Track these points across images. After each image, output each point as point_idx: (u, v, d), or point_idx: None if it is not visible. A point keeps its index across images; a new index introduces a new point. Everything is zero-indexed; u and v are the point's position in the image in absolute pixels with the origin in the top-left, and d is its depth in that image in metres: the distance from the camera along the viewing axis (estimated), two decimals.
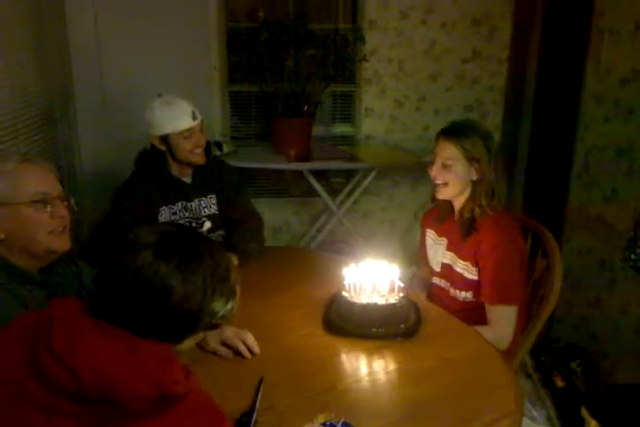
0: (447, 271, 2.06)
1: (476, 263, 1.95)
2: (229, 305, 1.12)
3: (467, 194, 1.96)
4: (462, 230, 1.97)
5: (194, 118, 2.21)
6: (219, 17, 3.61)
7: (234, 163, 3.36)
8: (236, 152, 3.51)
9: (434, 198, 2.06)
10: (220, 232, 2.44)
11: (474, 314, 1.95)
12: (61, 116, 3.15)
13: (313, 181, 3.53)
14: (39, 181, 1.43)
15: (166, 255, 1.00)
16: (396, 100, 3.91)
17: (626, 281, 2.61)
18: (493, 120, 4.00)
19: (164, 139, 2.23)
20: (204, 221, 2.35)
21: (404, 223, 4.02)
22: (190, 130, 2.22)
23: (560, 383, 2.71)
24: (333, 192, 3.82)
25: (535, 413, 2.62)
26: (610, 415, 2.27)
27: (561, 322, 3.13)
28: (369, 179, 3.60)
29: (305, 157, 3.47)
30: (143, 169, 2.30)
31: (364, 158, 3.56)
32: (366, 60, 3.67)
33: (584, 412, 2.33)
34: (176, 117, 2.19)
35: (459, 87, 3.92)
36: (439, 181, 1.96)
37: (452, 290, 2.06)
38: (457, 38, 3.81)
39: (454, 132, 1.93)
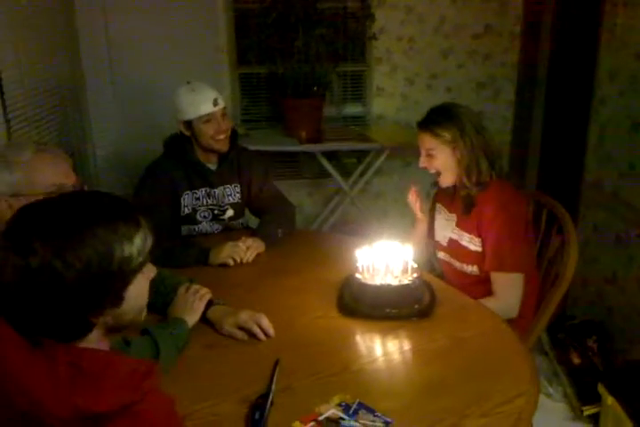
0: (453, 246, 2.09)
1: (479, 235, 1.98)
2: (137, 240, 0.94)
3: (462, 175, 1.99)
4: (462, 208, 2.02)
5: (215, 104, 2.23)
6: None
7: (246, 146, 3.37)
8: (247, 135, 3.50)
9: (436, 183, 2.10)
10: (242, 220, 2.46)
11: (480, 288, 1.96)
12: (72, 103, 3.15)
13: (325, 163, 3.52)
14: (54, 171, 1.45)
15: (27, 251, 0.86)
16: (407, 79, 3.88)
17: None
18: (507, 97, 3.96)
19: (189, 124, 2.26)
20: (226, 209, 2.37)
21: None
22: (210, 115, 2.23)
23: (576, 360, 2.71)
24: (346, 173, 3.81)
25: (552, 390, 2.64)
26: (627, 392, 2.27)
27: (577, 299, 3.12)
28: (381, 159, 3.59)
29: (316, 138, 3.46)
30: (171, 152, 2.33)
31: (376, 138, 3.55)
32: (376, 39, 3.64)
33: (601, 388, 2.33)
34: (198, 103, 2.22)
35: (470, 64, 3.88)
36: (432, 171, 2.03)
37: (457, 264, 2.08)
38: (468, 13, 3.76)
39: (426, 122, 2.00)
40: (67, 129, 3.02)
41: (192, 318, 1.56)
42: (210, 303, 1.63)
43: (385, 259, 1.72)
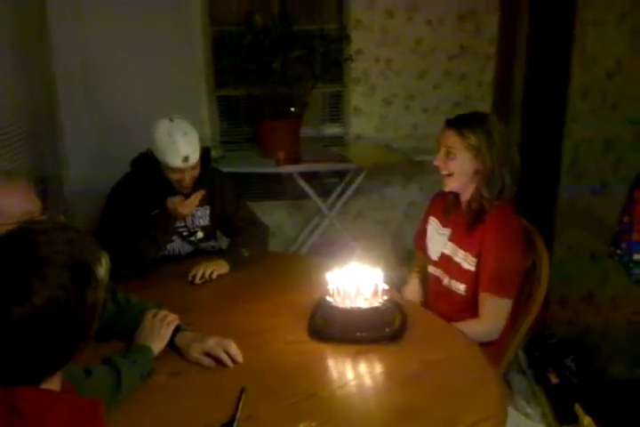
0: (445, 261, 2.06)
1: (476, 254, 1.94)
2: (102, 270, 0.92)
3: (473, 186, 1.96)
4: (468, 222, 1.97)
5: (184, 161, 2.14)
6: (202, 21, 3.61)
7: (223, 168, 3.36)
8: (224, 157, 3.50)
9: (435, 196, 2.10)
10: (213, 243, 2.44)
11: (462, 308, 1.95)
12: (46, 128, 3.13)
13: (303, 184, 3.53)
14: (24, 199, 1.44)
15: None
16: (385, 99, 3.91)
17: (616, 275, 2.60)
18: None
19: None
20: (196, 231, 2.35)
21: (396, 223, 4.01)
22: (177, 169, 2.17)
23: (554, 379, 2.70)
24: (326, 193, 3.82)
25: (530, 409, 2.62)
26: (604, 411, 2.26)
27: (555, 317, 3.13)
28: (359, 179, 3.60)
29: (294, 159, 3.47)
30: (140, 171, 2.29)
31: (354, 159, 3.56)
32: (352, 60, 3.67)
33: (578, 408, 2.32)
34: (169, 154, 2.13)
35: (447, 84, 3.92)
36: (444, 172, 1.98)
37: (446, 280, 2.05)
38: (443, 35, 3.81)
39: (457, 121, 1.96)
40: (40, 154, 3.00)
41: (158, 345, 1.54)
42: (177, 329, 1.61)
43: (356, 281, 1.71)
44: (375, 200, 4.03)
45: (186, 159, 2.14)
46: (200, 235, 2.36)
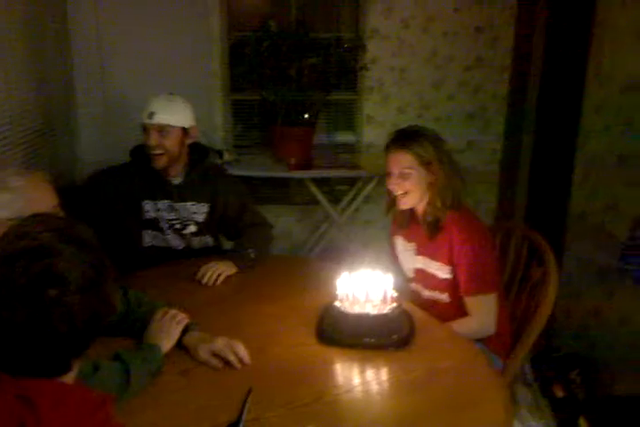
0: (420, 276, 2.08)
1: (449, 262, 1.96)
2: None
3: (427, 198, 1.98)
4: (428, 233, 1.99)
5: (149, 117, 2.22)
6: (221, 26, 3.64)
7: (235, 171, 3.38)
8: (237, 161, 3.52)
9: (388, 208, 2.11)
10: (207, 239, 2.44)
11: (453, 314, 1.97)
12: (62, 126, 3.17)
13: (314, 189, 3.54)
14: (48, 196, 1.47)
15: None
16: (398, 108, 3.92)
17: (624, 291, 2.60)
18: (496, 128, 4.00)
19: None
20: (188, 224, 2.36)
21: None
22: (144, 126, 2.24)
23: (559, 393, 2.69)
24: (336, 200, 3.82)
25: (534, 422, 2.61)
26: (608, 425, 2.25)
27: (561, 331, 3.11)
28: (370, 187, 3.61)
29: (306, 165, 3.49)
30: (133, 159, 2.34)
31: (366, 166, 3.57)
32: (367, 69, 3.68)
33: (582, 422, 2.31)
34: (143, 110, 2.24)
35: (461, 95, 3.93)
36: (399, 192, 1.98)
37: (425, 292, 2.08)
38: (459, 46, 3.82)
39: (403, 139, 1.96)
40: (55, 151, 3.03)
41: (167, 344, 1.55)
42: (186, 329, 1.62)
43: (365, 288, 1.72)
44: (384, 208, 4.02)
45: (151, 115, 2.22)
46: (192, 228, 2.37)
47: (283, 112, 3.51)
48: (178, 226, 2.35)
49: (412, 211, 2.06)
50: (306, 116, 3.53)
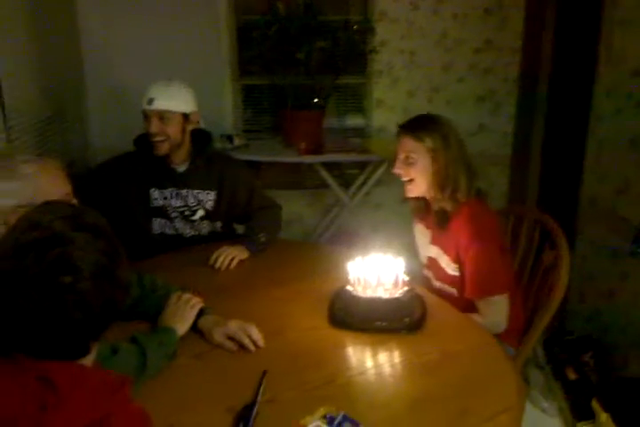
0: (433, 264, 2.08)
1: (455, 259, 1.95)
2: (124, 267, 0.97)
3: (434, 188, 1.96)
4: (436, 223, 1.99)
5: (149, 103, 2.22)
6: (228, 10, 3.62)
7: (245, 156, 3.39)
8: (247, 145, 3.52)
9: (405, 199, 2.08)
10: (217, 224, 2.43)
11: (462, 306, 1.92)
12: (73, 112, 3.18)
13: (324, 174, 3.54)
14: (59, 183, 1.48)
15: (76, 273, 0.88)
16: (408, 92, 3.90)
17: (637, 273, 2.59)
18: (507, 111, 3.98)
19: None
20: (196, 210, 2.37)
21: None
22: (146, 112, 2.23)
23: (572, 375, 2.70)
24: (347, 184, 3.82)
25: (546, 404, 2.63)
26: (621, 408, 2.26)
27: (574, 314, 3.12)
28: (380, 171, 3.60)
29: (316, 149, 3.48)
30: (138, 148, 2.35)
31: (376, 150, 3.56)
32: (376, 52, 3.66)
33: (595, 404, 2.32)
34: (143, 96, 2.24)
35: (471, 78, 3.90)
36: (405, 178, 1.98)
37: (435, 283, 2.07)
38: (469, 28, 3.79)
39: (411, 125, 1.95)
40: (67, 138, 3.04)
41: (182, 327, 1.57)
42: (201, 313, 1.64)
43: (377, 272, 1.73)
44: (396, 191, 4.00)
45: (150, 101, 2.21)
46: (201, 213, 2.37)
47: (292, 96, 3.50)
48: (187, 213, 2.36)
49: (426, 200, 2.05)
50: (315, 100, 3.52)
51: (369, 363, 1.56)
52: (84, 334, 0.92)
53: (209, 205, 2.37)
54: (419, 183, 1.96)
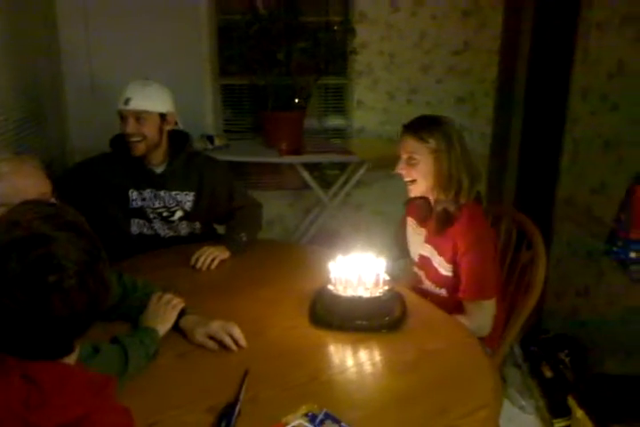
0: (424, 263, 2.09)
1: (450, 260, 1.97)
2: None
3: (437, 189, 1.97)
4: (436, 225, 1.98)
5: (125, 103, 2.21)
6: (209, 9, 3.62)
7: (226, 157, 3.38)
8: (228, 146, 3.52)
9: (407, 201, 2.11)
10: (195, 225, 2.43)
11: (451, 307, 1.96)
12: (51, 111, 3.15)
13: (305, 174, 3.55)
14: (39, 181, 1.47)
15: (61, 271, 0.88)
16: (388, 93, 3.92)
17: (612, 272, 2.64)
18: (485, 112, 4.02)
19: None
20: (175, 211, 2.36)
21: (397, 215, 4.01)
22: (121, 113, 2.23)
23: (548, 373, 2.74)
24: (327, 184, 3.84)
25: (524, 402, 2.67)
26: (596, 404, 2.30)
27: (552, 313, 3.16)
28: (361, 172, 3.62)
29: (297, 150, 3.49)
30: (115, 150, 2.34)
31: (357, 151, 3.58)
32: (356, 53, 3.68)
33: (571, 401, 2.36)
34: (119, 97, 2.23)
35: (450, 79, 3.93)
36: (407, 179, 1.98)
37: (426, 282, 2.09)
38: (447, 30, 3.82)
39: (414, 126, 1.95)
40: (45, 137, 3.02)
41: (163, 327, 1.58)
42: (182, 312, 1.64)
43: (357, 271, 1.74)
44: (376, 192, 4.05)
45: (127, 101, 2.20)
46: (180, 213, 2.36)
47: (273, 97, 3.51)
48: (165, 214, 2.35)
49: (427, 200, 2.05)
50: (296, 100, 3.53)
51: (350, 361, 1.58)
52: (68, 333, 0.92)
53: (187, 206, 2.36)
54: (420, 184, 1.96)
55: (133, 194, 2.31)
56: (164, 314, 1.60)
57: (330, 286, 1.75)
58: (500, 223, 2.24)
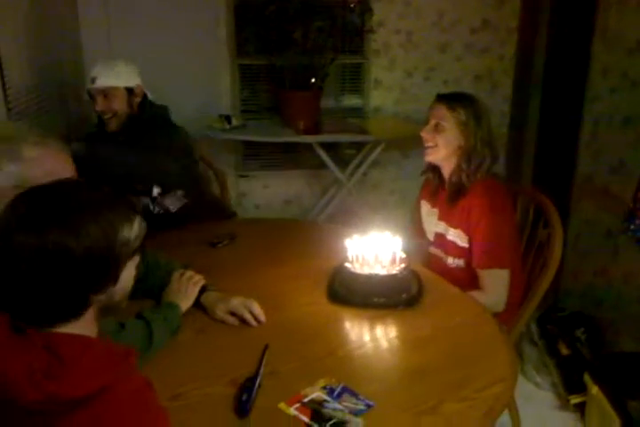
0: (440, 240, 2.12)
1: (466, 231, 2.00)
2: (135, 225, 1.00)
3: (455, 160, 2.01)
4: (449, 195, 2.03)
5: (92, 82, 2.28)
6: None
7: (243, 136, 3.42)
8: (245, 126, 3.54)
9: (425, 170, 2.15)
10: (178, 193, 2.43)
11: (468, 283, 1.99)
12: (73, 92, 3.19)
13: (322, 154, 3.56)
14: (65, 166, 1.49)
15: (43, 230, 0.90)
16: (406, 71, 3.91)
17: (629, 251, 2.64)
18: (503, 90, 3.99)
19: None
20: (152, 187, 2.37)
21: (413, 194, 4.03)
22: (89, 92, 2.30)
23: (565, 351, 2.76)
24: (344, 164, 3.85)
25: (540, 379, 2.69)
26: (612, 382, 2.32)
27: (568, 291, 3.17)
28: (377, 151, 3.62)
29: (314, 129, 3.50)
30: (98, 128, 2.42)
31: (373, 131, 3.58)
32: (373, 32, 3.67)
33: (586, 378, 2.38)
34: (87, 77, 2.31)
35: (468, 57, 3.91)
36: (429, 143, 2.03)
37: (447, 259, 2.11)
38: (465, 8, 3.79)
39: (449, 96, 2.02)
40: (66, 116, 3.06)
41: (185, 303, 1.62)
42: (203, 289, 1.68)
43: (374, 249, 1.77)
44: (393, 171, 4.06)
45: (93, 80, 2.28)
46: (157, 190, 2.37)
47: (290, 76, 3.51)
48: (141, 188, 2.36)
49: (441, 176, 2.10)
50: (313, 80, 3.52)
51: (367, 337, 1.62)
52: (83, 281, 0.93)
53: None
54: (440, 150, 2.02)
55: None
56: (185, 290, 1.64)
57: (347, 264, 1.77)
58: (517, 201, 2.25)
